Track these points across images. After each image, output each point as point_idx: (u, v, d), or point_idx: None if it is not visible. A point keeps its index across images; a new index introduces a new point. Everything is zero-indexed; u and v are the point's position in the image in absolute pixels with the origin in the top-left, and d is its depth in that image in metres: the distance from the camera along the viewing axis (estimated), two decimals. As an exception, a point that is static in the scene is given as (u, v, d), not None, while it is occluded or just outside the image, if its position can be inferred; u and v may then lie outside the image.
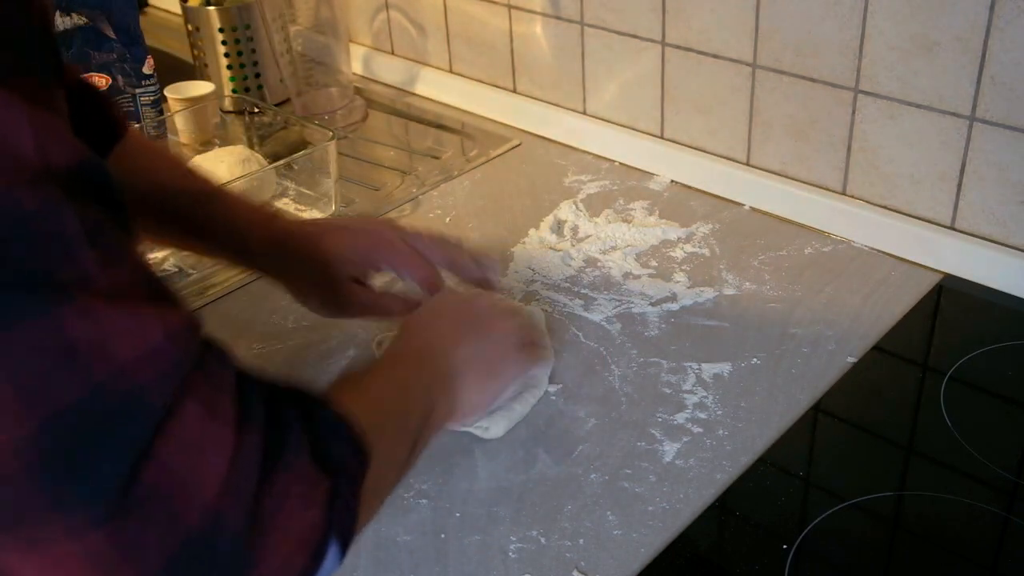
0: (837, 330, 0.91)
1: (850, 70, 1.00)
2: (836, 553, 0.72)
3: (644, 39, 1.16)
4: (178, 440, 0.43)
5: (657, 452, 0.79)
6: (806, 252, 1.03)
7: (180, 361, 0.43)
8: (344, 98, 1.38)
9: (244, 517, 0.45)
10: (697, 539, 0.72)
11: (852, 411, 0.84)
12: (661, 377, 0.87)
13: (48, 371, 0.39)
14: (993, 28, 0.89)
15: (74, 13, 1.13)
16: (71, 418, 0.40)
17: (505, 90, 1.35)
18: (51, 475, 0.39)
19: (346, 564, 0.70)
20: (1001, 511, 0.74)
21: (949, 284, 0.98)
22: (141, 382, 0.42)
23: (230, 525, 0.44)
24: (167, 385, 0.43)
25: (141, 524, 0.41)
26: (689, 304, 0.96)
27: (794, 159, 1.09)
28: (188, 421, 0.43)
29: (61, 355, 0.39)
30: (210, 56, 1.36)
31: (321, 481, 0.49)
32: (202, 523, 0.43)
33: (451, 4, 1.35)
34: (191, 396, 0.44)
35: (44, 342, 0.39)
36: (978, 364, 0.87)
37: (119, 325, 0.41)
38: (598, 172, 1.21)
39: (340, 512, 0.50)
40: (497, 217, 1.13)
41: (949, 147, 0.96)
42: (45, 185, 0.40)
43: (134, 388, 0.41)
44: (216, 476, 0.44)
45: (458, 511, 0.75)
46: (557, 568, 0.70)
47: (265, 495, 0.46)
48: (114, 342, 0.41)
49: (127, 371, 0.41)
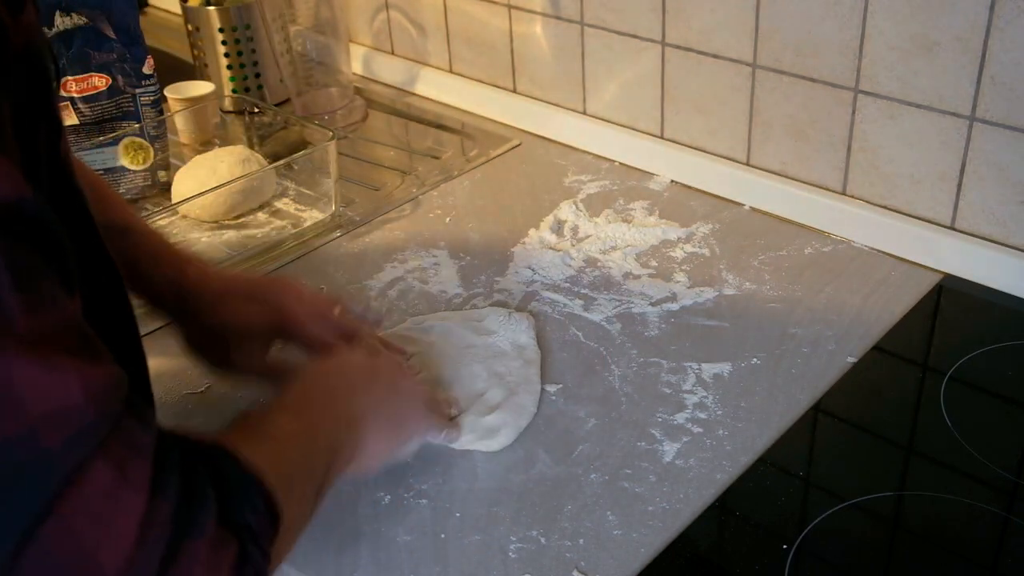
0: (837, 330, 0.91)
1: (850, 70, 1.00)
2: (836, 553, 0.72)
3: (644, 39, 1.16)
4: (84, 503, 0.41)
5: (657, 452, 0.79)
6: (806, 252, 1.03)
7: (96, 422, 0.42)
8: (344, 98, 1.38)
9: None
10: (697, 539, 0.72)
11: (852, 411, 0.84)
12: (661, 377, 0.87)
13: None
14: (993, 28, 0.89)
15: (74, 13, 1.13)
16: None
17: (505, 90, 1.35)
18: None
19: (346, 564, 0.71)
20: (1001, 511, 0.74)
21: (949, 284, 0.98)
22: (50, 440, 0.40)
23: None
24: (79, 446, 0.41)
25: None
26: (689, 304, 0.96)
27: (794, 159, 1.09)
28: (98, 485, 0.42)
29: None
30: (210, 56, 1.36)
31: (230, 544, 0.48)
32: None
33: (451, 4, 1.35)
34: (104, 458, 0.42)
35: None
36: (978, 364, 0.87)
37: (34, 377, 0.40)
38: (598, 172, 1.21)
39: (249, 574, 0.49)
40: (497, 217, 1.13)
41: (949, 147, 0.96)
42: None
43: (42, 445, 0.40)
44: (122, 544, 0.43)
45: (458, 511, 0.75)
46: (557, 568, 0.70)
47: (171, 565, 0.44)
48: (27, 395, 0.39)
49: (37, 427, 0.40)
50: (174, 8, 1.72)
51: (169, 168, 1.22)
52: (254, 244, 1.10)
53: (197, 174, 1.14)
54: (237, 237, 1.12)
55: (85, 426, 0.41)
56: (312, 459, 0.62)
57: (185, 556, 0.45)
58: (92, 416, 0.42)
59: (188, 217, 1.14)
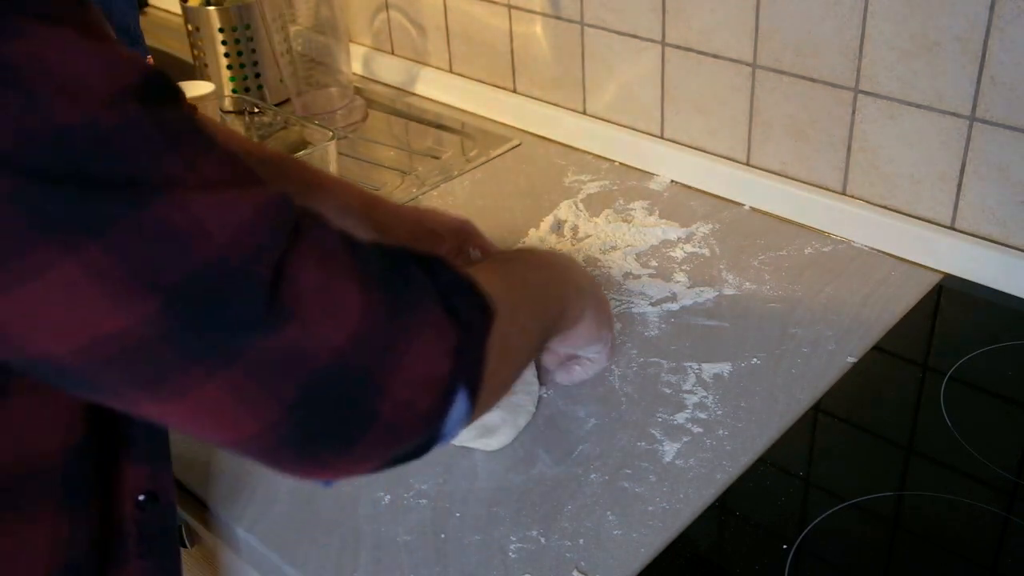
0: (837, 330, 0.91)
1: (850, 70, 1.00)
2: (836, 553, 0.72)
3: (644, 39, 1.16)
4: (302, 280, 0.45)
5: (657, 452, 0.79)
6: (806, 252, 1.03)
7: (277, 227, 0.45)
8: (344, 98, 1.38)
9: (374, 355, 0.47)
10: (697, 539, 0.72)
11: (852, 411, 0.84)
12: (661, 377, 0.87)
13: (157, 257, 0.42)
14: (993, 28, 0.89)
15: (74, 13, 1.13)
16: (191, 290, 0.43)
17: (505, 90, 1.35)
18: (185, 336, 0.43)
19: (346, 564, 0.71)
20: (1001, 511, 0.74)
21: (949, 284, 0.98)
22: (247, 247, 0.44)
23: (360, 362, 0.46)
24: (273, 246, 0.45)
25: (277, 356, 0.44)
26: (689, 304, 0.96)
27: (794, 159, 1.09)
28: (305, 282, 0.45)
29: (165, 242, 0.42)
30: (210, 56, 1.36)
31: (450, 328, 0.50)
32: (331, 361, 0.45)
33: (451, 4, 1.35)
34: (301, 259, 0.46)
35: (147, 234, 0.42)
36: (978, 364, 0.87)
37: (212, 208, 0.44)
38: (598, 172, 1.21)
39: (468, 360, 0.51)
40: (497, 217, 1.13)
41: (949, 147, 0.96)
42: (121, 104, 0.43)
43: (243, 252, 0.44)
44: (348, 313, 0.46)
45: (458, 511, 0.75)
46: (557, 568, 0.70)
47: (396, 337, 0.48)
48: (212, 222, 0.43)
49: (231, 242, 0.43)
50: (174, 8, 1.72)
51: (169, 168, 1.21)
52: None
53: (197, 174, 1.14)
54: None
55: (267, 235, 0.45)
56: (541, 303, 0.68)
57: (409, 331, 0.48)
58: (270, 224, 0.45)
59: (188, 217, 1.14)
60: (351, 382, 0.46)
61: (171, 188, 0.43)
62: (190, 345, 0.43)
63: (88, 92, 0.42)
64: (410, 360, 0.48)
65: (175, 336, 0.43)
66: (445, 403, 0.50)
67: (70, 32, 0.43)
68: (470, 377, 0.51)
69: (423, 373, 0.49)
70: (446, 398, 0.50)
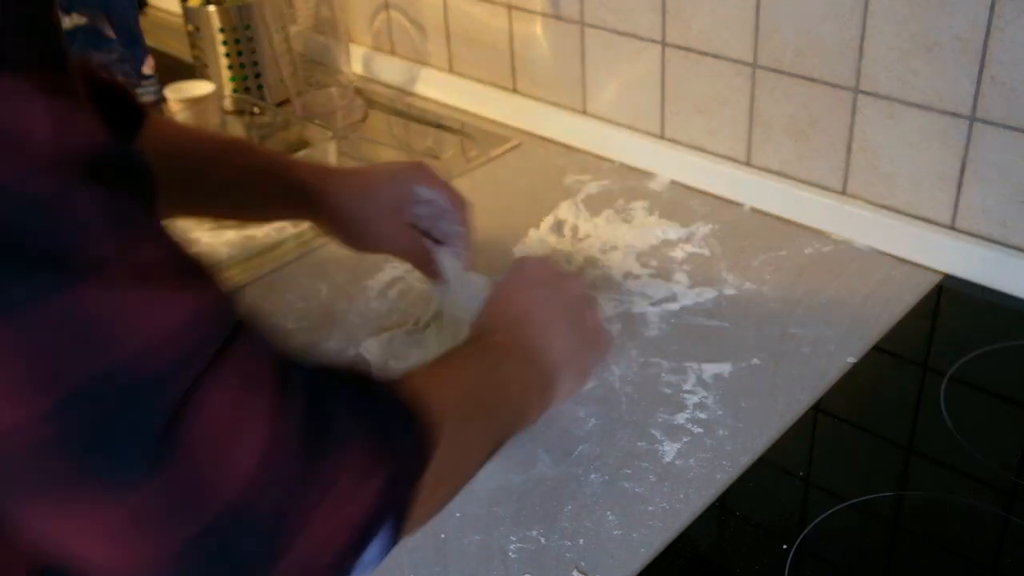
0: (837, 330, 0.91)
1: (850, 70, 1.00)
2: (836, 553, 0.72)
3: (644, 39, 1.16)
4: (200, 428, 0.41)
5: (657, 452, 0.79)
6: (806, 252, 1.03)
7: (205, 341, 0.42)
8: (344, 98, 1.38)
9: (284, 495, 0.43)
10: (697, 539, 0.72)
11: (852, 411, 0.84)
12: (661, 377, 0.87)
13: (64, 350, 0.38)
14: (993, 28, 0.89)
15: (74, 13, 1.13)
16: (90, 395, 0.39)
17: (505, 90, 1.35)
18: (74, 449, 0.39)
19: (346, 564, 0.71)
20: (1001, 511, 0.74)
21: (949, 284, 0.98)
22: (163, 361, 0.40)
23: (263, 507, 0.42)
24: (192, 364, 0.41)
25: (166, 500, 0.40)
26: (689, 304, 0.96)
27: (794, 159, 1.09)
28: (213, 408, 0.41)
29: (77, 334, 0.39)
30: (210, 56, 1.36)
31: (378, 465, 0.46)
32: (232, 503, 0.41)
33: (451, 4, 1.35)
34: (218, 381, 0.42)
35: (60, 321, 0.38)
36: (978, 364, 0.87)
37: (139, 306, 0.40)
38: (598, 172, 1.21)
39: (396, 496, 0.48)
40: (497, 217, 1.13)
41: (949, 147, 0.96)
42: (63, 170, 0.39)
43: (156, 367, 0.40)
44: (243, 468, 0.42)
45: (458, 511, 0.75)
46: (557, 568, 0.70)
47: (312, 475, 0.43)
48: (133, 322, 0.40)
49: (147, 350, 0.40)
50: (174, 8, 1.72)
51: (169, 168, 1.21)
52: (254, 244, 1.10)
53: (197, 174, 1.14)
54: (237, 237, 1.12)
55: (195, 345, 0.41)
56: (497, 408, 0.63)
57: (324, 470, 0.44)
58: (200, 335, 0.42)
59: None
60: (256, 521, 0.42)
61: (96, 274, 0.39)
62: (81, 459, 0.39)
63: (28, 150, 0.38)
64: (330, 499, 0.44)
65: (66, 444, 0.39)
66: (365, 539, 0.46)
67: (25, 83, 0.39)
68: (397, 512, 0.48)
69: (344, 512, 0.45)
70: (367, 534, 0.46)
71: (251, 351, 0.44)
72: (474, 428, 0.59)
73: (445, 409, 0.53)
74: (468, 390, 0.60)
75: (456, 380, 0.60)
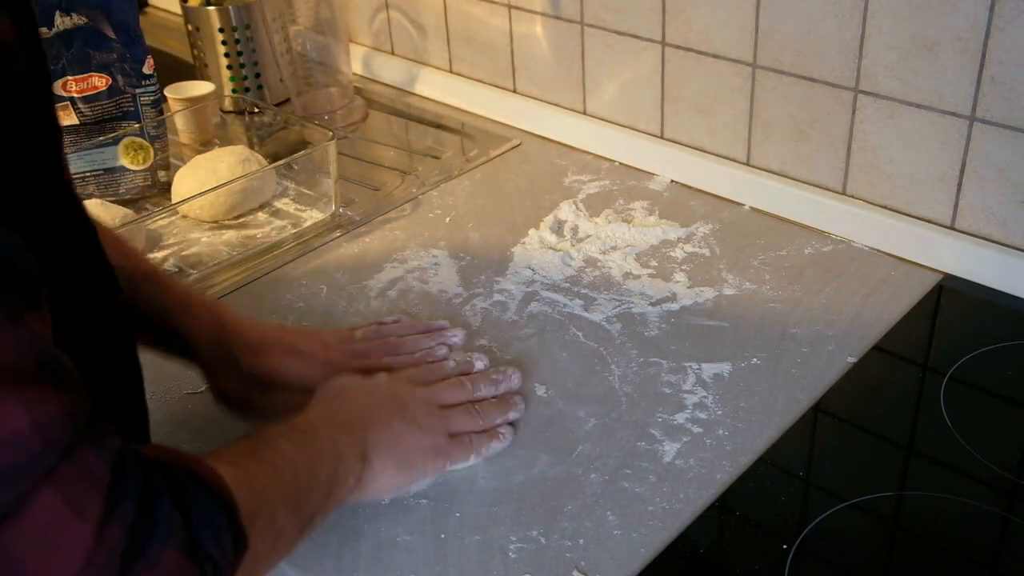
0: (837, 330, 0.91)
1: (850, 70, 1.00)
2: (836, 553, 0.72)
3: (644, 39, 1.16)
4: (28, 532, 0.41)
5: (657, 452, 0.79)
6: (806, 252, 1.03)
7: (42, 452, 0.42)
8: (344, 98, 1.38)
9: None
10: (697, 539, 0.72)
11: (852, 411, 0.84)
12: (661, 377, 0.87)
13: None
14: (993, 28, 0.89)
15: (74, 13, 1.13)
16: None
17: (505, 90, 1.35)
18: None
19: (346, 564, 0.71)
20: (1001, 511, 0.74)
21: (949, 284, 0.98)
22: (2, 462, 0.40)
23: None
24: (24, 475, 0.41)
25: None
26: (689, 304, 0.96)
27: (794, 159, 1.09)
28: (43, 514, 0.42)
29: None
30: (210, 56, 1.36)
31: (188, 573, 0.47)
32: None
33: (451, 4, 1.35)
34: (52, 488, 0.42)
35: None
36: (978, 364, 0.87)
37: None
38: (598, 172, 1.21)
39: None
40: (497, 217, 1.13)
41: (949, 147, 0.96)
42: None
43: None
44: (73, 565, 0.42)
45: (458, 511, 0.75)
46: (557, 568, 0.70)
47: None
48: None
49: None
50: (174, 8, 1.72)
51: (169, 168, 1.22)
52: (254, 244, 1.10)
53: (197, 174, 1.14)
54: (237, 237, 1.12)
55: (31, 455, 0.41)
56: (307, 490, 0.62)
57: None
58: (39, 446, 0.41)
59: (188, 217, 1.14)
60: None
61: None
62: None
63: None
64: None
65: None
66: None
67: None
68: None
69: None
70: None
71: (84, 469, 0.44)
72: (283, 517, 0.59)
73: (257, 508, 0.54)
74: (277, 478, 0.60)
75: (268, 467, 0.60)
